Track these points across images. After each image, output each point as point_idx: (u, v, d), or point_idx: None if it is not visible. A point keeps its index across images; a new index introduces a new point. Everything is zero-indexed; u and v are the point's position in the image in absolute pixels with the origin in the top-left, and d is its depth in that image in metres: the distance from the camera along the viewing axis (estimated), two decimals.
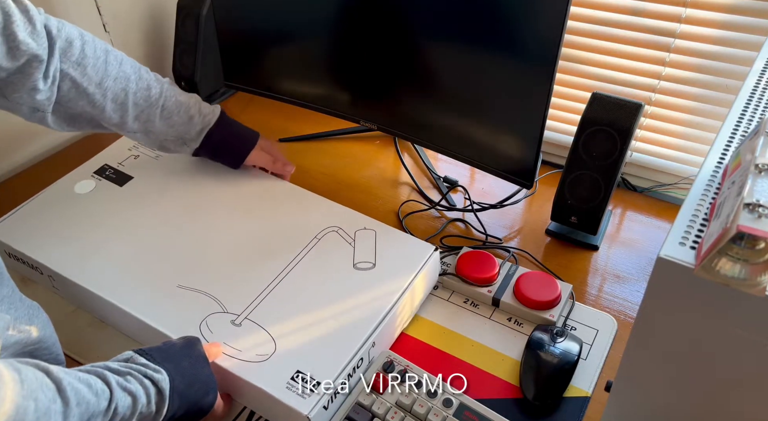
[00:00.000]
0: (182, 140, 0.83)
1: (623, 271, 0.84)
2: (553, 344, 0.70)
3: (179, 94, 0.81)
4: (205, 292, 0.71)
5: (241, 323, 0.67)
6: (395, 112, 0.90)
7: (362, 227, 0.78)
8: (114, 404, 0.49)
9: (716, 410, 0.46)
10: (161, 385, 0.54)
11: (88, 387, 0.48)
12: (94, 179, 0.86)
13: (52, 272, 0.75)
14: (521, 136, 0.79)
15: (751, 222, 0.34)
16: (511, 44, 0.75)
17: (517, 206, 0.95)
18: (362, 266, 0.73)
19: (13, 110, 0.70)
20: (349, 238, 0.77)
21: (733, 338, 0.40)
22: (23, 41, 0.63)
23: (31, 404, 0.43)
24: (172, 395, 0.55)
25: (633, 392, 0.50)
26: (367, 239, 0.77)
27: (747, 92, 0.55)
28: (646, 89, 0.94)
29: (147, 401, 0.52)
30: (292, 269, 0.73)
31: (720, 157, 0.48)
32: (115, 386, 0.50)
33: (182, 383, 0.56)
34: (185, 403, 0.57)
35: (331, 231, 0.77)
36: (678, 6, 0.86)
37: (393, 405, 0.64)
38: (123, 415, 0.50)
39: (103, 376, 0.50)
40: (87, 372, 0.50)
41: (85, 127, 0.78)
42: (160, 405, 0.54)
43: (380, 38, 0.84)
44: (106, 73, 0.72)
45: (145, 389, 0.53)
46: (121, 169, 0.88)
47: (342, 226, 0.79)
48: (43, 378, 0.45)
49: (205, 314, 0.68)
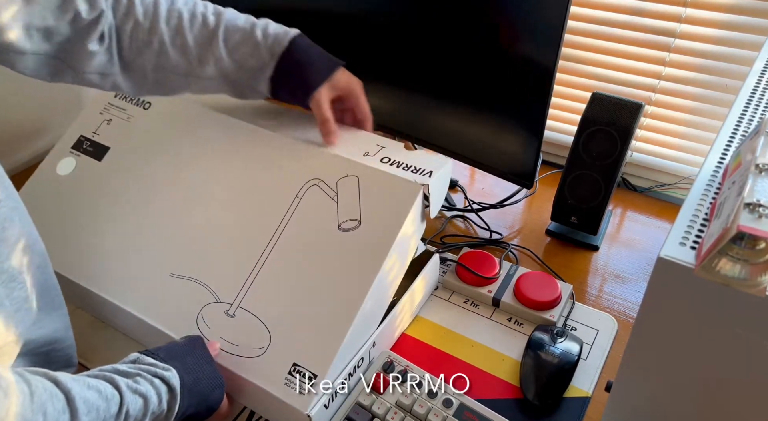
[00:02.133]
0: (254, 78, 0.71)
1: (623, 271, 0.84)
2: (554, 344, 0.70)
3: (240, 20, 0.70)
4: (197, 279, 0.70)
5: (235, 313, 0.67)
6: (395, 111, 0.90)
7: (344, 174, 0.71)
8: (125, 407, 0.49)
9: (716, 410, 0.46)
10: (171, 382, 0.54)
11: (98, 393, 0.48)
12: (74, 156, 0.84)
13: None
14: (521, 136, 0.79)
15: (752, 222, 0.34)
16: (511, 44, 0.75)
17: (517, 206, 0.95)
18: (347, 226, 0.68)
19: (87, 82, 0.68)
20: (331, 191, 0.71)
21: (733, 338, 0.40)
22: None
23: (40, 418, 0.43)
24: (182, 391, 0.55)
25: (633, 392, 0.50)
26: (351, 189, 0.70)
27: (747, 92, 0.55)
28: (647, 89, 0.94)
29: (158, 400, 0.52)
30: (276, 241, 0.70)
31: (720, 157, 0.48)
32: (125, 389, 0.50)
33: (190, 379, 0.56)
34: (195, 399, 0.57)
35: (312, 186, 0.72)
36: (678, 6, 0.86)
37: (393, 405, 0.64)
38: (135, 417, 0.50)
39: (112, 380, 0.50)
40: (96, 377, 0.50)
41: (166, 87, 0.72)
42: (172, 403, 0.54)
43: (380, 38, 0.84)
44: (156, 16, 0.67)
45: (156, 389, 0.52)
46: (96, 140, 0.84)
47: (322, 177, 0.71)
48: (52, 388, 0.45)
49: (199, 306, 0.68)
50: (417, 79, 0.85)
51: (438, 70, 0.82)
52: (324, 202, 0.70)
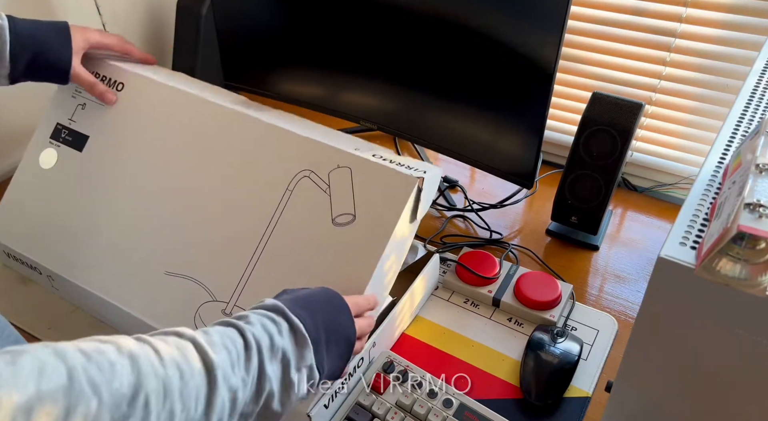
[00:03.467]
0: None
1: (623, 271, 0.84)
2: (554, 344, 0.70)
3: None
4: (192, 277, 0.69)
5: (231, 312, 0.66)
6: (395, 112, 0.90)
7: (335, 166, 0.69)
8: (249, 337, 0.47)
9: (716, 410, 0.46)
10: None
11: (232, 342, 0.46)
12: (54, 146, 0.82)
13: (51, 273, 0.75)
14: (521, 136, 0.79)
15: (752, 222, 0.34)
16: (511, 44, 0.75)
17: (518, 206, 0.95)
18: (341, 221, 0.66)
19: None
20: (323, 183, 0.68)
21: (733, 338, 0.40)
22: None
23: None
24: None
25: (633, 392, 0.50)
26: (344, 181, 0.68)
27: (747, 92, 0.55)
28: (647, 89, 0.94)
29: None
30: (269, 238, 0.68)
31: (720, 157, 0.48)
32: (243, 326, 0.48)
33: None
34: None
35: (303, 177, 0.69)
36: (678, 6, 0.86)
37: (393, 405, 0.64)
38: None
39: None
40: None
41: None
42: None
43: (380, 39, 0.84)
44: None
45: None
46: (74, 128, 0.81)
47: (313, 168, 0.69)
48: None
49: (196, 305, 0.67)
50: (417, 79, 0.85)
51: (438, 69, 0.82)
52: (316, 195, 0.68)
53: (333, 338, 0.53)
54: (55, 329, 0.76)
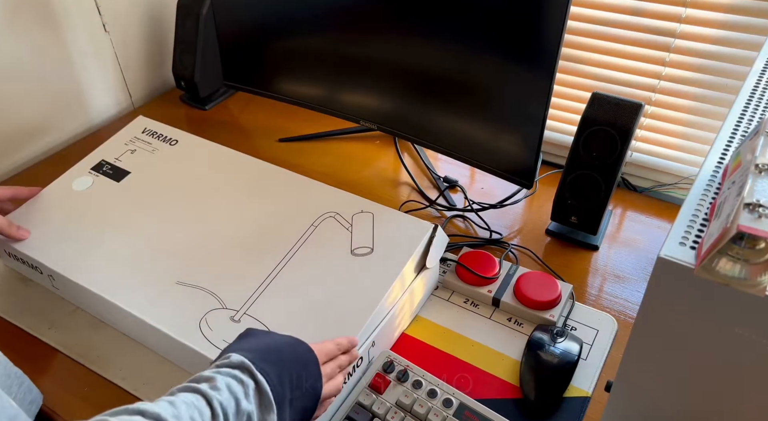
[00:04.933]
0: None
1: (623, 271, 0.84)
2: (554, 344, 0.70)
3: None
4: (203, 288, 0.70)
5: (240, 319, 0.67)
6: (395, 112, 0.90)
7: (359, 210, 0.77)
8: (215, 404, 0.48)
9: (716, 410, 0.46)
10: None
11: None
12: (92, 176, 0.86)
13: (52, 272, 0.75)
14: (521, 136, 0.79)
15: (752, 222, 0.34)
16: (511, 44, 0.75)
17: (517, 206, 0.95)
18: (360, 252, 0.72)
19: None
20: (346, 223, 0.75)
21: (733, 338, 0.40)
22: None
23: None
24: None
25: (633, 392, 0.50)
26: (365, 223, 0.75)
27: (747, 92, 0.55)
28: (647, 89, 0.94)
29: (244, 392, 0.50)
30: (289, 260, 0.73)
31: (720, 157, 0.48)
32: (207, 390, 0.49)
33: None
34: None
35: (328, 217, 0.76)
36: (678, 6, 0.86)
37: (393, 405, 0.64)
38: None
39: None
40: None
41: None
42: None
43: (380, 39, 0.84)
44: None
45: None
46: (117, 165, 0.87)
47: (339, 210, 0.77)
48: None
49: (204, 310, 0.68)
50: (417, 79, 0.85)
51: (438, 69, 0.82)
52: (339, 230, 0.75)
53: (298, 394, 0.53)
54: (56, 329, 0.76)
